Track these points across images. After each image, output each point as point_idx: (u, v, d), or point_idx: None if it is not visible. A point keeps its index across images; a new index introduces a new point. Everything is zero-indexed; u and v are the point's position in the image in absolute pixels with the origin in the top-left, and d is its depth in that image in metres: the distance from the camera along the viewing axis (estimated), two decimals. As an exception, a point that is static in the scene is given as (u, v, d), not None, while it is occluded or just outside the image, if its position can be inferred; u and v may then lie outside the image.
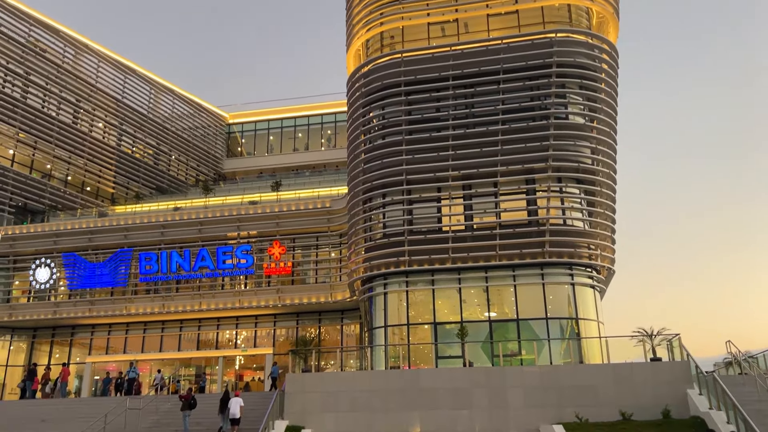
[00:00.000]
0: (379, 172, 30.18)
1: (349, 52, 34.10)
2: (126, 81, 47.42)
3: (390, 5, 31.54)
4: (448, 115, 29.68)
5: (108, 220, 38.26)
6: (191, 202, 41.45)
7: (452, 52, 30.04)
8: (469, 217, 28.97)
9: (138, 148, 48.09)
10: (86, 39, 44.60)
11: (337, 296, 34.49)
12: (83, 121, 44.03)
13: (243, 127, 57.08)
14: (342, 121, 53.04)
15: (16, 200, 39.59)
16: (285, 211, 35.81)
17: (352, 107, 32.67)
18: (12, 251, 38.25)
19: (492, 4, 30.46)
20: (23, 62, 40.47)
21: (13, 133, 39.65)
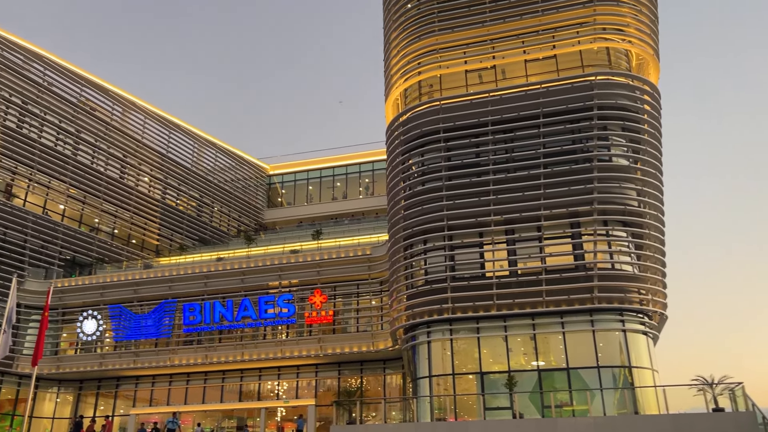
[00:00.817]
0: (420, 218, 30.05)
1: (387, 101, 34.55)
2: (171, 136, 48.97)
3: (427, 55, 31.99)
4: (488, 160, 29.57)
5: (153, 271, 38.86)
6: (233, 252, 41.92)
7: (491, 97, 30.15)
8: (513, 263, 28.44)
9: (182, 200, 49.23)
10: (133, 97, 46.42)
11: (379, 345, 33.98)
12: (130, 175, 45.44)
13: (283, 177, 58.10)
14: (380, 170, 53.51)
15: (65, 254, 40.68)
16: (326, 259, 35.83)
17: (391, 155, 32.88)
18: (61, 304, 39.06)
19: (529, 50, 30.62)
20: (75, 121, 42.26)
21: (64, 189, 41.09)
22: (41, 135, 40.61)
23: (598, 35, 29.96)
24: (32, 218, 39.27)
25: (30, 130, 40.18)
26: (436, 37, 31.89)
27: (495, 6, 31.18)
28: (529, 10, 30.69)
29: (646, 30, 30.45)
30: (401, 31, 33.00)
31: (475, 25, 31.38)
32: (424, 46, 32.09)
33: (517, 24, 30.81)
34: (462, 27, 31.59)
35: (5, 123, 38.69)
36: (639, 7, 30.37)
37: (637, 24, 30.25)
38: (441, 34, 31.83)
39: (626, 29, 30.11)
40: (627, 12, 30.11)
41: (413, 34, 32.40)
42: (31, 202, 40.06)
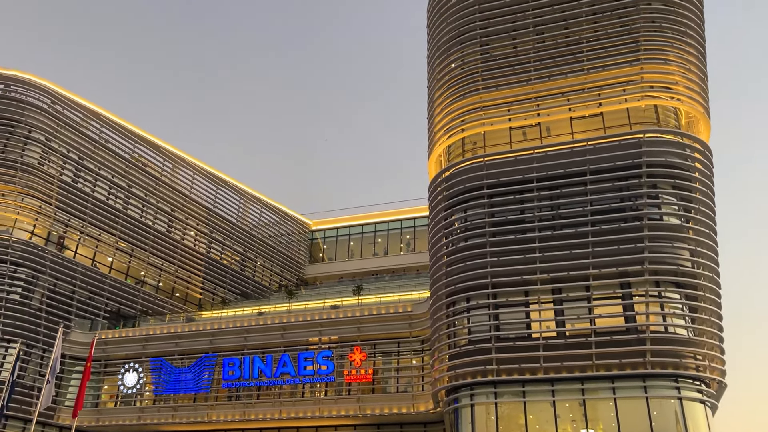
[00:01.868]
0: (463, 275, 29.50)
1: (430, 158, 34.66)
2: (218, 191, 50.05)
3: (471, 112, 32.15)
4: (533, 217, 29.08)
5: (194, 325, 38.98)
6: (274, 307, 41.83)
7: (535, 154, 29.92)
8: (560, 323, 27.47)
9: (226, 254, 49.83)
10: (183, 153, 47.86)
11: (420, 407, 32.90)
12: (177, 229, 46.38)
13: (325, 233, 58.41)
14: (421, 226, 53.31)
15: (111, 305, 41.35)
16: (366, 315, 35.35)
17: (433, 210, 32.70)
18: (104, 355, 39.38)
19: (575, 108, 30.47)
20: (126, 176, 43.69)
21: (113, 242, 42.14)
22: (94, 189, 42.04)
23: (645, 93, 29.65)
24: (81, 270, 40.19)
25: (84, 184, 41.65)
26: (480, 95, 32.09)
27: (540, 65, 31.31)
28: (575, 69, 30.70)
29: (695, 88, 30.02)
30: (445, 90, 33.36)
31: (519, 84, 31.51)
32: (468, 104, 32.30)
33: (562, 82, 30.82)
34: (506, 85, 31.75)
35: (62, 177, 40.23)
36: (687, 66, 30.06)
37: (686, 82, 29.88)
38: (485, 92, 32.03)
39: (675, 87, 29.75)
40: (675, 70, 29.81)
41: (457, 93, 32.69)
42: (81, 254, 41.12)
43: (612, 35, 30.53)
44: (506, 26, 32.54)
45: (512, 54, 32.19)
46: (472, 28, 33.18)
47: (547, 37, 31.79)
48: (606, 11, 30.92)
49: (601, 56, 30.41)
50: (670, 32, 30.03)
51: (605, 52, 30.41)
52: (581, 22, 31.15)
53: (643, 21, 30.02)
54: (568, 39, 31.22)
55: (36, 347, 37.55)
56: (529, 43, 31.90)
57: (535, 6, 32.01)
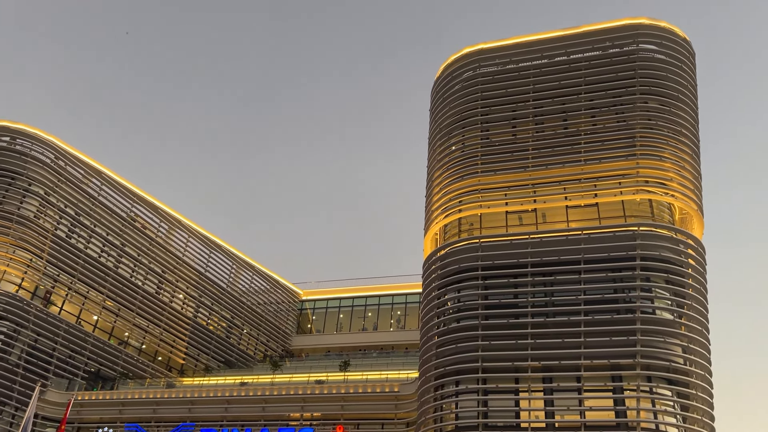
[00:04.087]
0: (453, 357, 29.06)
1: (426, 236, 34.87)
2: (210, 255, 49.84)
3: (469, 194, 32.64)
4: (526, 302, 29.00)
5: (174, 391, 37.90)
6: (258, 378, 40.80)
7: (531, 239, 30.18)
8: (550, 414, 26.86)
9: (213, 320, 49.08)
10: (179, 215, 47.97)
11: (400, 495, 31.63)
12: (166, 291, 45.86)
13: (315, 303, 57.85)
14: (413, 303, 52.89)
15: (91, 365, 40.27)
16: (351, 393, 34.49)
17: (426, 288, 32.59)
18: (78, 418, 37.98)
19: (571, 197, 31.00)
20: (121, 234, 43.60)
21: (101, 300, 41.57)
22: (87, 246, 41.82)
23: (640, 187, 30.28)
24: (65, 327, 39.38)
25: (78, 240, 41.48)
26: (479, 177, 32.68)
27: (538, 153, 32.08)
28: (572, 159, 31.45)
29: (689, 186, 30.71)
30: (445, 170, 33.99)
31: (517, 170, 32.17)
32: (466, 186, 32.84)
33: (559, 171, 31.50)
34: (504, 170, 32.41)
35: (56, 232, 40.11)
36: (682, 163, 30.86)
37: (680, 179, 30.59)
38: (483, 175, 32.64)
39: (669, 183, 30.42)
40: (670, 167, 30.58)
41: (456, 174, 33.30)
42: (66, 310, 40.43)
43: (609, 129, 31.48)
44: (506, 114, 33.55)
45: (511, 141, 33.05)
46: (473, 113, 34.19)
47: (546, 127, 32.74)
48: (604, 106, 32.02)
49: (598, 149, 31.23)
50: (666, 130, 31.01)
51: (602, 145, 31.26)
52: (580, 115, 32.16)
53: (639, 118, 31.04)
54: (566, 130, 32.15)
55: (8, 404, 36.25)
56: (528, 131, 32.81)
57: (536, 97, 33.12)
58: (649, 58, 32.11)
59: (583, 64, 32.70)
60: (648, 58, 32.07)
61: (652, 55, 32.22)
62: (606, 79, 32.15)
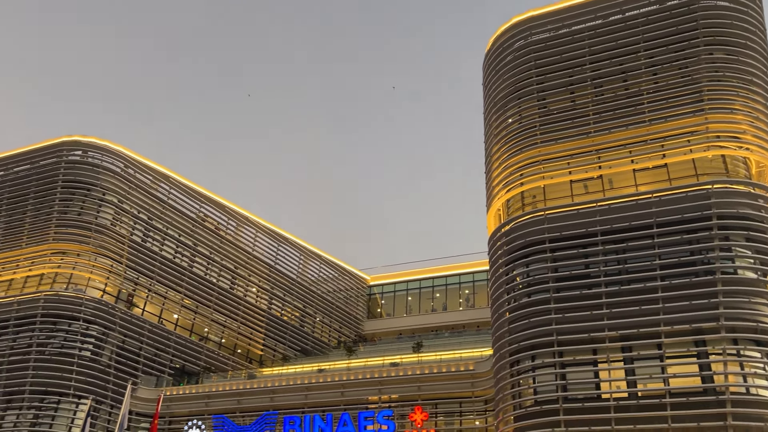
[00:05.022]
0: (527, 333, 28.75)
1: (489, 212, 34.49)
2: (279, 248, 51.05)
3: (530, 166, 32.00)
4: (599, 272, 28.29)
5: (256, 382, 39.19)
6: (334, 364, 41.65)
7: (599, 207, 29.35)
8: (632, 383, 26.24)
9: (286, 311, 50.40)
10: (246, 211, 49.28)
11: (485, 470, 31.73)
12: (239, 286, 47.38)
13: (383, 288, 58.36)
14: (480, 281, 52.58)
15: (176, 362, 42.16)
16: (427, 373, 34.71)
17: (494, 265, 32.29)
18: (168, 412, 39.88)
19: (638, 160, 29.91)
20: (192, 235, 45.22)
21: (179, 299, 43.35)
22: (162, 248, 43.61)
23: (711, 143, 28.89)
24: (148, 327, 41.33)
25: (153, 243, 43.30)
26: (539, 148, 31.97)
27: (599, 117, 31.06)
28: (636, 120, 30.29)
29: (765, 137, 29.06)
30: (503, 144, 33.43)
31: (579, 136, 31.27)
32: (526, 158, 32.19)
33: (623, 134, 30.41)
34: (565, 138, 31.56)
35: (132, 237, 41.98)
36: (755, 114, 29.23)
37: (754, 131, 28.98)
38: (544, 145, 31.90)
39: (743, 136, 28.88)
40: (742, 119, 29.01)
41: (515, 147, 32.68)
42: (148, 311, 42.38)
43: (673, 86, 30.09)
44: (563, 80, 32.60)
45: (570, 107, 32.11)
46: (528, 83, 33.39)
47: (605, 90, 31.63)
48: (666, 62, 30.59)
49: (663, 107, 29.95)
50: (735, 81, 29.39)
51: (667, 103, 29.95)
52: (640, 74, 30.89)
53: (705, 71, 29.54)
54: (627, 91, 30.95)
55: (104, 403, 38.42)
56: (587, 96, 31.79)
57: (592, 60, 32.00)
58: (711, 6, 30.42)
59: (640, 20, 31.32)
60: (710, 7, 30.39)
61: (715, 3, 30.51)
62: (666, 33, 30.68)
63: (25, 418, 37.08)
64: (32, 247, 41.36)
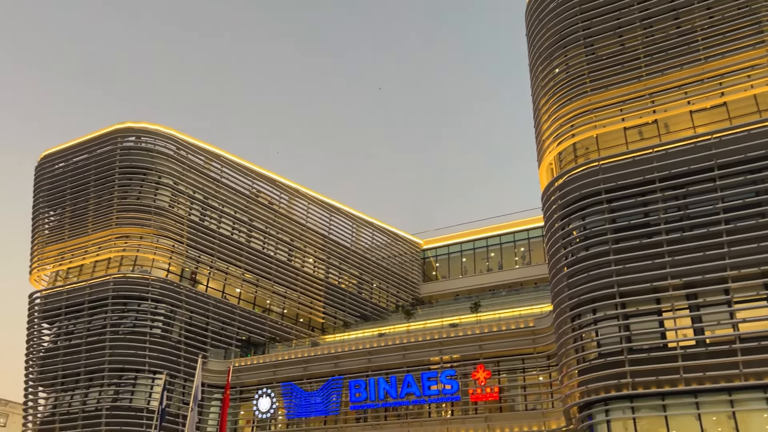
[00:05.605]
0: (586, 286, 28.32)
1: (540, 166, 33.85)
2: (331, 219, 51.71)
3: (581, 116, 31.10)
4: (658, 219, 27.50)
5: (320, 349, 40.20)
6: (394, 327, 42.27)
7: (655, 153, 28.36)
8: (699, 331, 25.62)
9: (343, 279, 51.26)
10: (297, 185, 49.95)
11: (551, 425, 31.81)
12: (296, 258, 48.36)
13: (436, 251, 58.50)
14: (536, 237, 52.03)
15: (241, 334, 43.65)
16: (486, 332, 34.82)
17: (549, 221, 31.80)
18: (238, 382, 41.47)
19: (694, 100, 28.63)
20: (247, 211, 46.22)
21: (240, 274, 44.60)
22: (220, 226, 44.79)
23: (774, 76, 27.35)
24: (213, 302, 42.79)
25: (210, 222, 44.51)
26: (589, 97, 31.00)
27: (651, 60, 29.78)
28: (690, 59, 28.91)
29: (832, 64, 27.31)
30: (551, 95, 32.55)
31: (630, 81, 30.12)
32: (576, 108, 31.28)
33: (677, 75, 29.10)
34: (616, 84, 30.45)
35: (190, 217, 43.23)
36: (822, 41, 27.44)
37: (822, 60, 27.26)
38: (594, 93, 30.90)
39: (809, 67, 27.21)
40: (807, 48, 27.30)
41: (564, 97, 31.77)
42: (212, 287, 43.81)
43: (730, 19, 28.50)
44: (611, 24, 31.31)
45: (620, 51, 30.87)
46: (574, 30, 32.24)
47: (656, 30, 30.25)
48: (720, -5, 28.95)
49: (720, 43, 28.44)
50: (798, 8, 27.59)
51: (724, 38, 28.41)
52: (693, 10, 29.35)
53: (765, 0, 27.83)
54: (679, 29, 29.50)
55: (178, 377, 40.23)
56: (637, 38, 30.48)
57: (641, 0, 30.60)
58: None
59: (690, -48, 29.64)
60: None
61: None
62: (719, -37, 28.96)
63: (106, 394, 39.26)
64: (97, 233, 43.14)
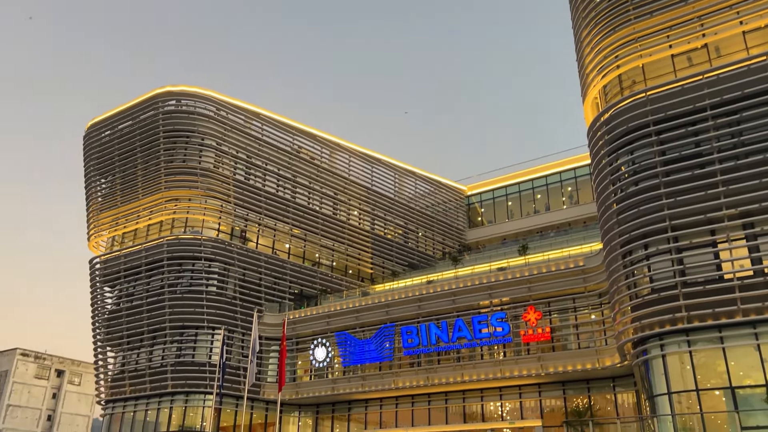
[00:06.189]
0: (637, 222, 27.74)
1: (585, 102, 32.86)
2: (373, 170, 51.78)
3: (625, 46, 29.85)
4: (711, 149, 26.49)
5: (370, 298, 40.91)
6: (441, 274, 42.56)
7: (706, 79, 27.09)
8: (757, 260, 24.89)
9: (389, 229, 51.59)
10: (338, 139, 49.98)
11: (605, 362, 31.80)
12: (341, 211, 48.82)
13: (481, 196, 58.06)
14: (582, 176, 50.96)
15: (294, 288, 44.73)
16: (536, 274, 34.71)
17: (596, 157, 31.03)
18: (294, 334, 42.75)
19: (747, 20, 27.05)
20: (291, 167, 46.65)
21: (288, 229, 45.40)
22: (264, 183, 45.43)
23: (835, -13, 25.54)
24: (264, 258, 43.83)
25: (255, 180, 45.18)
26: (633, 25, 29.66)
27: (698, -21, 28.16)
28: (742, -25, 27.19)
29: None
30: (593, 27, 31.28)
31: (677, 5, 28.62)
32: (620, 37, 30.00)
33: (727, -7, 27.47)
34: (661, 9, 29.00)
35: (235, 177, 43.95)
36: None
37: None
38: (638, 21, 29.54)
39: None
40: None
41: (606, 28, 30.49)
42: (262, 244, 44.81)
43: (785, -72, 26.57)
44: (654, -55, 29.62)
45: (664, -26, 29.26)
46: (614, -45, 30.65)
47: (703, -52, 28.46)
48: None
49: (774, -45, 26.62)
50: None
51: (778, -51, 26.57)
52: None
53: None
54: (728, -56, 27.69)
55: (236, 332, 41.72)
56: (682, -42, 28.78)
57: None
58: None
59: None
60: None
61: None
62: None
63: (170, 350, 41.11)
64: (148, 198, 44.37)
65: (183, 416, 40.36)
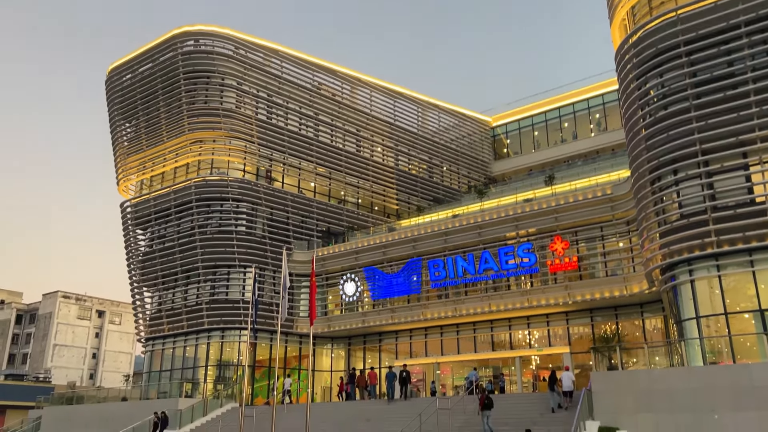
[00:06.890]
0: (667, 147, 27.12)
1: (613, 24, 31.64)
2: (396, 105, 51.11)
3: (655, -38, 28.45)
4: (744, 68, 25.47)
5: (396, 234, 41.26)
6: (467, 208, 42.54)
7: (741, -6, 25.78)
8: (790, 182, 24.32)
9: (413, 164, 51.39)
10: (358, 74, 49.20)
11: (633, 288, 31.89)
12: (365, 148, 48.63)
13: (507, 128, 57.21)
14: (611, 102, 49.69)
15: (321, 225, 45.27)
16: (562, 204, 34.48)
17: (624, 81, 30.12)
18: (323, 270, 43.56)
19: (787, -74, 25.41)
20: (312, 105, 46.32)
21: (312, 168, 45.54)
22: (287, 123, 45.30)
23: None
24: (291, 197, 44.22)
25: (278, 119, 45.05)
26: (663, -60, 28.15)
27: None
28: None
29: None
30: (620, -56, 29.77)
31: None
32: (649, -46, 28.56)
33: None
34: None
35: (257, 116, 43.86)
36: None
37: None
38: (669, -65, 27.99)
39: None
40: None
41: (635, -56, 28.99)
42: (287, 183, 45.13)
43: None
44: None
45: None
46: None
47: None
48: None
49: None
50: None
51: None
52: None
53: None
54: None
55: (267, 269, 42.67)
56: None
57: None
58: None
59: None
60: None
61: None
62: None
63: (204, 289, 42.34)
64: (172, 140, 44.66)
65: (220, 351, 41.97)
